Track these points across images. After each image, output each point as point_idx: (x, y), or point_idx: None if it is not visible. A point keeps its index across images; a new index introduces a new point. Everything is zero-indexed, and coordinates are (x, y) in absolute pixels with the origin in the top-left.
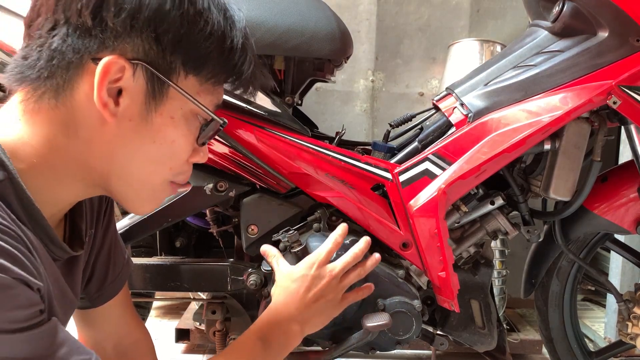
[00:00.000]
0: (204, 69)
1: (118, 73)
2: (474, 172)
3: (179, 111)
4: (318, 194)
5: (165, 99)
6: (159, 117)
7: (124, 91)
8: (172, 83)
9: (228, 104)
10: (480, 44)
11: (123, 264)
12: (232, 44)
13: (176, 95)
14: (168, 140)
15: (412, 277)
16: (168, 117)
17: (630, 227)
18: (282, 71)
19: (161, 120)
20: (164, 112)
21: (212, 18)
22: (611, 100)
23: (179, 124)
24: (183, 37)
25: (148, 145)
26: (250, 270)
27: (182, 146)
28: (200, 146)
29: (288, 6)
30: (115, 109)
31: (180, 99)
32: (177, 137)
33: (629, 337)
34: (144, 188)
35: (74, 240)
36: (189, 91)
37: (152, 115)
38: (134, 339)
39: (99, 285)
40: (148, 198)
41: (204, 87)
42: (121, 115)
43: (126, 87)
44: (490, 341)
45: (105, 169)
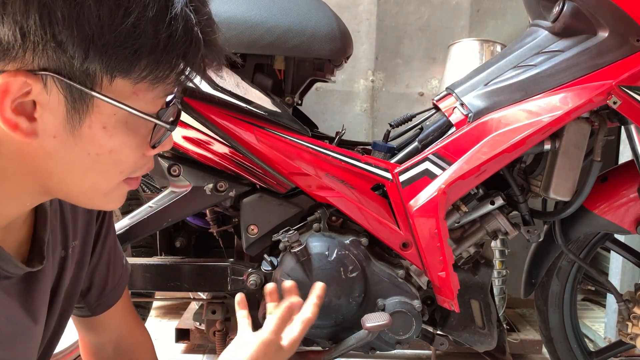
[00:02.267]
0: (132, 71)
1: (22, 88)
2: (474, 172)
3: (112, 118)
4: (318, 194)
5: (90, 108)
6: (88, 129)
7: (38, 105)
8: (95, 92)
9: (227, 103)
10: (480, 44)
11: (122, 271)
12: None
13: (104, 102)
14: (104, 150)
15: (412, 277)
16: (99, 127)
17: (630, 227)
18: (282, 71)
19: (91, 132)
20: (93, 123)
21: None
22: (611, 100)
23: (114, 132)
24: (96, 39)
25: (83, 159)
26: (250, 270)
27: (125, 152)
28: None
29: (288, 6)
30: (32, 125)
31: (110, 106)
32: (115, 146)
33: (629, 337)
34: (94, 195)
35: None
36: (119, 96)
37: (79, 128)
38: (135, 340)
39: (99, 295)
40: (103, 201)
41: (140, 85)
42: (42, 132)
43: (39, 101)
44: (490, 341)
45: (43, 182)
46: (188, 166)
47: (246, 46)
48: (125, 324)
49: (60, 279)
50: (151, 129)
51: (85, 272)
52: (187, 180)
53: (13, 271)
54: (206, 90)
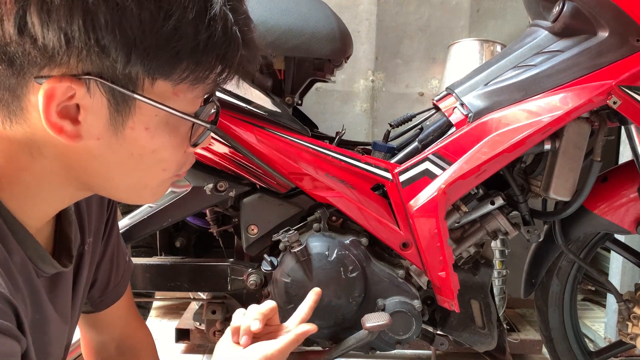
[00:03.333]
0: (173, 73)
1: (67, 93)
2: (474, 172)
3: (154, 119)
4: (318, 194)
5: (133, 110)
6: (131, 130)
7: (82, 109)
8: (137, 94)
9: (228, 103)
10: (480, 44)
11: (125, 267)
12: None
13: (145, 104)
14: (148, 151)
15: (412, 277)
16: (142, 129)
17: (630, 227)
18: (282, 71)
19: (134, 134)
20: (136, 124)
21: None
22: (611, 100)
23: (156, 132)
24: (138, 42)
25: (127, 160)
26: (250, 270)
27: (168, 152)
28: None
29: (288, 6)
30: (76, 128)
31: (152, 108)
32: (158, 147)
33: (629, 337)
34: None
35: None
36: (160, 97)
37: (122, 130)
38: (137, 340)
39: (102, 290)
40: (148, 196)
41: (180, 87)
42: (86, 134)
43: (83, 104)
44: (490, 341)
45: (87, 181)
46: None
47: None
48: (127, 322)
49: (78, 275)
50: (190, 126)
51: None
52: (187, 180)
53: (47, 270)
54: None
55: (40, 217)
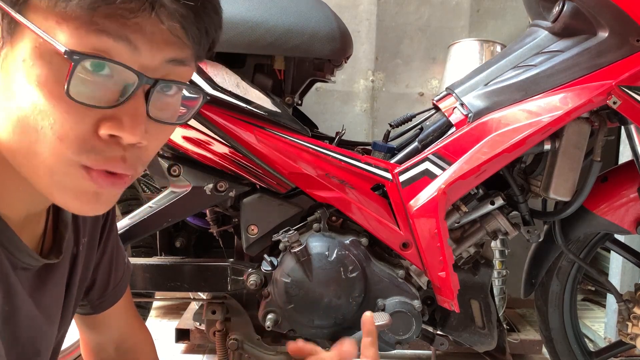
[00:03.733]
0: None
1: None
2: (474, 172)
3: (35, 51)
4: (318, 194)
5: (18, 36)
6: (12, 61)
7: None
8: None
9: (228, 103)
10: (480, 44)
11: (124, 269)
12: None
13: (27, 31)
14: (23, 91)
15: (412, 277)
16: (19, 60)
17: (630, 227)
18: (282, 71)
19: (14, 66)
20: (17, 54)
21: None
22: (611, 100)
23: (32, 66)
24: None
25: (9, 101)
26: (250, 270)
27: (43, 98)
28: (70, 98)
29: (288, 6)
30: None
31: (32, 34)
32: (32, 87)
33: (629, 337)
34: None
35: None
36: (44, 22)
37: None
38: (136, 341)
39: (101, 292)
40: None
41: (61, 11)
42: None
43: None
44: (490, 341)
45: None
46: (188, 166)
47: (246, 46)
48: (127, 323)
49: (72, 275)
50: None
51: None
52: (187, 180)
53: (29, 262)
54: (206, 91)
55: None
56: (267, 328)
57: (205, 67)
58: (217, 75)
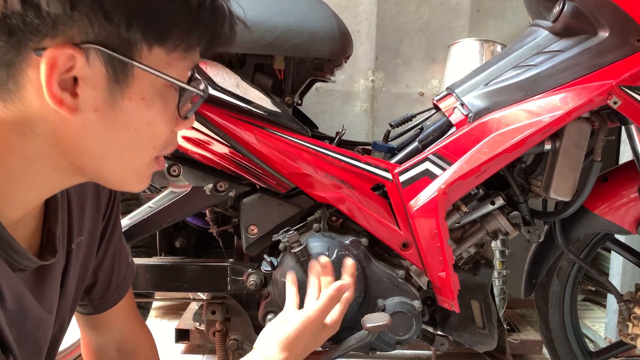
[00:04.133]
0: (169, 38)
1: (68, 63)
2: (474, 172)
3: (150, 89)
4: (318, 194)
5: (131, 79)
6: (128, 101)
7: (80, 80)
8: (135, 62)
9: (228, 103)
10: (481, 44)
11: (127, 269)
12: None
13: (143, 73)
14: (144, 123)
15: (412, 277)
16: (139, 99)
17: (630, 227)
18: (282, 71)
19: (132, 104)
20: (133, 94)
21: None
22: (612, 100)
23: (152, 103)
24: (138, 6)
25: (122, 133)
26: (250, 270)
27: (162, 125)
28: (184, 119)
29: (288, 6)
30: (75, 101)
31: (149, 77)
32: (153, 118)
33: (630, 338)
34: (127, 173)
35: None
36: (157, 65)
37: (120, 101)
38: (138, 342)
39: (103, 292)
40: (134, 181)
41: (173, 55)
42: (84, 107)
43: (82, 75)
44: (490, 341)
45: (76, 162)
46: (188, 166)
47: (246, 46)
48: (128, 324)
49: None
50: (177, 103)
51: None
52: (187, 181)
53: (26, 264)
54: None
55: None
56: None
57: (205, 66)
58: (217, 75)
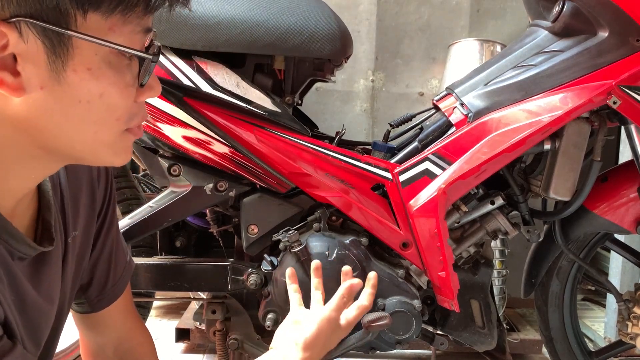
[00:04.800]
0: (102, 2)
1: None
2: (474, 172)
3: (95, 59)
4: (318, 194)
5: (71, 50)
6: (73, 73)
7: (18, 57)
8: (72, 30)
9: (228, 103)
10: (480, 44)
11: (124, 267)
12: None
13: (83, 43)
14: (95, 95)
15: (412, 276)
16: (84, 70)
17: (630, 227)
18: (282, 71)
19: (78, 76)
20: (77, 66)
21: None
22: (611, 100)
23: (100, 73)
24: None
25: (75, 108)
26: (250, 270)
27: (116, 95)
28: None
29: (288, 6)
30: (17, 80)
31: (91, 45)
32: (105, 89)
33: (629, 337)
34: (98, 148)
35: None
36: (96, 32)
37: (64, 74)
38: (136, 342)
39: (100, 290)
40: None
41: (112, 20)
42: (28, 85)
43: (19, 52)
44: (490, 341)
45: (44, 143)
46: (188, 166)
47: (246, 46)
48: (126, 324)
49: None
50: (137, 71)
51: (85, 266)
52: (187, 180)
53: (25, 251)
54: (206, 90)
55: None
56: (267, 328)
57: (206, 66)
58: (217, 75)
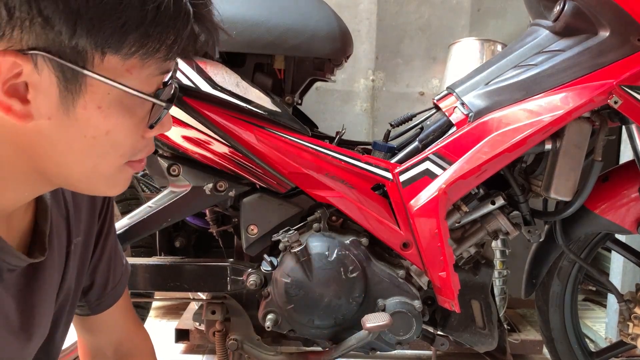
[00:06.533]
0: (122, 46)
1: (13, 69)
2: (475, 171)
3: (106, 98)
4: (318, 194)
5: (83, 88)
6: (83, 110)
7: (30, 87)
8: (87, 70)
9: (228, 103)
10: (481, 44)
11: (122, 270)
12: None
13: (97, 82)
14: (101, 132)
15: (413, 277)
16: (94, 107)
17: (631, 227)
18: (282, 71)
19: (87, 113)
20: (88, 103)
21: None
22: (612, 99)
23: (109, 112)
24: (82, 12)
25: (80, 142)
26: (250, 270)
27: (122, 134)
28: (150, 129)
29: (288, 5)
30: (26, 108)
31: (104, 85)
32: (111, 128)
33: (630, 338)
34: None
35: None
36: (113, 73)
37: (73, 109)
38: (135, 343)
39: (100, 293)
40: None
41: (130, 62)
42: (37, 114)
43: (32, 82)
44: (490, 341)
45: (42, 168)
46: (188, 166)
47: (246, 46)
48: (125, 326)
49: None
50: (149, 109)
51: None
52: (186, 180)
53: (15, 263)
54: (206, 90)
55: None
56: (267, 328)
57: (205, 66)
58: (217, 74)
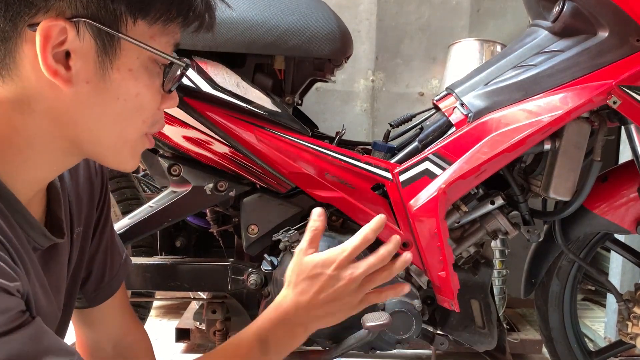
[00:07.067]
0: (151, 10)
1: (60, 36)
2: (474, 171)
3: (137, 61)
4: (318, 194)
5: (118, 52)
6: (117, 72)
7: (72, 53)
8: (122, 34)
9: (228, 103)
10: (481, 44)
11: (120, 263)
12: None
13: (129, 45)
14: (132, 94)
15: (412, 276)
16: (126, 70)
17: (630, 226)
18: (282, 71)
19: (120, 75)
20: (121, 66)
21: None
22: (611, 100)
23: (139, 75)
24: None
25: (113, 104)
26: (251, 270)
27: (148, 97)
28: (167, 93)
29: (288, 6)
30: (68, 73)
31: (135, 49)
32: (140, 89)
33: (629, 337)
34: (121, 147)
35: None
36: (141, 38)
37: (109, 72)
38: (133, 340)
39: (96, 285)
40: (128, 155)
41: (154, 29)
42: (76, 79)
43: (73, 48)
44: (490, 341)
45: (74, 136)
46: (188, 166)
47: (246, 46)
48: (122, 320)
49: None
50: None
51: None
52: (187, 180)
53: (41, 242)
54: (206, 90)
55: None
56: None
57: (206, 66)
58: (217, 75)
